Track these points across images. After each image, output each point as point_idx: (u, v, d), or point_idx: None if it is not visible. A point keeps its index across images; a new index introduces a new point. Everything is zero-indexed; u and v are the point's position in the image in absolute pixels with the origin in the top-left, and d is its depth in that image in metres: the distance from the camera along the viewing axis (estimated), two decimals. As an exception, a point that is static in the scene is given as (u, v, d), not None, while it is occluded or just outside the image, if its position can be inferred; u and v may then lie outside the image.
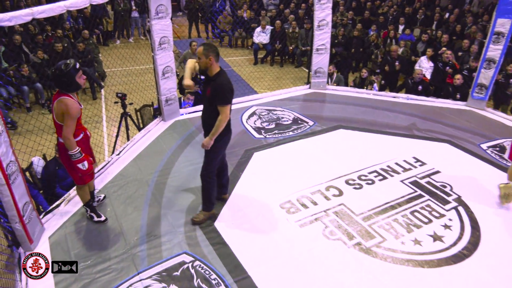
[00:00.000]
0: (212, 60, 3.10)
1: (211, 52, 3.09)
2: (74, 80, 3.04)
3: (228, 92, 3.16)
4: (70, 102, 3.04)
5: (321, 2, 6.00)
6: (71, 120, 3.05)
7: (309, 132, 5.25)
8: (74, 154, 3.11)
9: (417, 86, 6.70)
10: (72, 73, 3.02)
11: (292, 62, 10.73)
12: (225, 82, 3.16)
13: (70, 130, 3.06)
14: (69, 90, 3.08)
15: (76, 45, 8.73)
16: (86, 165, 3.19)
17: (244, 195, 3.97)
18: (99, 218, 3.56)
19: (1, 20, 2.83)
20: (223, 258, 3.19)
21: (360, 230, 3.51)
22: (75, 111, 3.06)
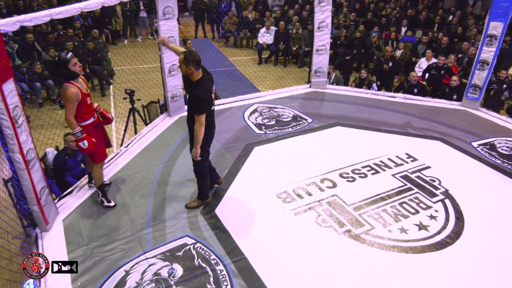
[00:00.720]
0: (192, 69, 3.28)
1: (191, 62, 3.25)
2: (67, 67, 3.36)
3: (203, 103, 3.31)
4: (68, 87, 3.38)
5: (321, 5, 6.25)
6: (69, 103, 3.38)
7: (307, 129, 5.51)
8: (75, 133, 3.45)
9: (412, 89, 6.93)
10: (63, 60, 3.35)
11: (295, 62, 10.98)
12: (201, 93, 3.30)
13: (70, 112, 3.40)
14: (68, 77, 3.41)
15: (86, 43, 9.05)
16: (86, 144, 3.49)
17: (243, 185, 4.23)
18: (108, 203, 3.86)
19: (24, 21, 3.11)
20: (222, 241, 3.45)
21: (351, 219, 3.76)
22: (72, 95, 3.36)
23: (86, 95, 3.52)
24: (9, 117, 2.95)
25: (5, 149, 3.08)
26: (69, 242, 3.43)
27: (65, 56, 3.37)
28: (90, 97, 3.62)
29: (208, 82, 3.43)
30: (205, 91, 3.35)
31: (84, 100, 3.49)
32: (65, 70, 3.37)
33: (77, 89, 3.41)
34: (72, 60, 3.38)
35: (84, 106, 3.50)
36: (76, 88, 3.41)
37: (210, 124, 3.56)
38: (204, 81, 3.38)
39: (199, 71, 3.35)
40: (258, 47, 10.92)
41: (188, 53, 3.33)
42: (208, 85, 3.40)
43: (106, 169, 4.48)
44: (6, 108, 2.92)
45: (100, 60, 8.97)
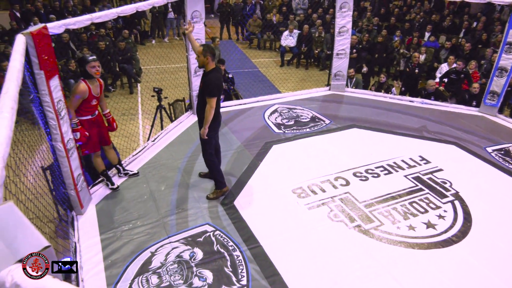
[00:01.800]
0: (209, 59, 3.71)
1: (208, 53, 3.70)
2: (85, 67, 3.77)
3: (215, 87, 3.73)
4: (79, 84, 3.76)
5: (342, 10, 6.46)
6: (73, 96, 3.75)
7: (324, 130, 5.73)
8: (71, 123, 3.77)
9: (429, 97, 7.03)
10: (83, 60, 3.77)
11: (317, 65, 11.18)
12: (214, 79, 3.74)
13: (71, 103, 3.76)
14: (85, 76, 3.80)
15: (117, 43, 9.52)
16: (78, 135, 3.85)
17: (261, 180, 4.50)
18: (112, 186, 4.27)
19: (68, 24, 3.48)
20: (239, 230, 3.73)
21: (361, 215, 3.97)
22: (78, 91, 3.73)
23: (93, 97, 3.88)
24: (54, 110, 3.31)
25: (48, 138, 3.45)
26: (101, 224, 3.78)
27: (87, 58, 3.79)
28: (97, 100, 3.99)
29: (219, 74, 3.83)
30: (217, 78, 3.77)
31: (90, 100, 3.85)
32: (83, 68, 3.78)
33: (86, 88, 3.78)
34: (91, 62, 3.77)
35: (87, 105, 3.87)
36: (86, 86, 3.78)
37: (218, 111, 3.90)
38: (217, 70, 3.82)
39: (213, 63, 3.78)
40: (281, 49, 11.17)
41: (206, 45, 3.80)
42: (220, 76, 3.82)
43: (135, 160, 4.85)
44: (52, 101, 3.28)
45: (130, 59, 9.42)
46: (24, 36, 2.99)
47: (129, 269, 3.29)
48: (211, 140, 4.01)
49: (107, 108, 4.27)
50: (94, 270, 3.28)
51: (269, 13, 12.78)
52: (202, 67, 3.82)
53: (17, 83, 2.10)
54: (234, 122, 5.91)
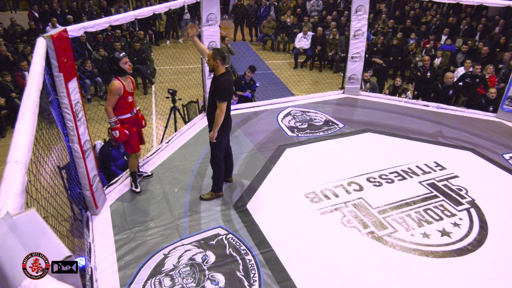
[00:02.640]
0: (218, 63, 3.72)
1: (218, 57, 3.71)
2: (118, 65, 3.80)
3: (225, 91, 3.72)
4: (113, 82, 3.81)
5: (358, 13, 6.42)
6: (110, 95, 3.81)
7: (338, 134, 5.71)
8: (110, 122, 3.88)
9: (448, 90, 6.92)
10: (116, 58, 3.80)
11: (330, 68, 11.13)
12: (225, 83, 3.73)
13: (109, 102, 3.83)
14: (117, 73, 3.84)
15: (132, 44, 9.62)
16: (118, 133, 3.91)
17: (274, 184, 4.50)
18: (135, 189, 4.31)
19: (87, 27, 3.54)
20: (252, 234, 3.74)
21: (375, 221, 3.94)
22: (114, 89, 3.79)
23: (128, 93, 3.94)
24: (71, 111, 3.37)
25: (66, 139, 3.50)
26: (115, 225, 3.83)
27: (118, 55, 3.85)
28: (133, 96, 4.03)
29: (230, 78, 3.82)
30: (228, 81, 3.76)
31: (125, 96, 3.90)
32: (116, 66, 3.83)
33: (121, 85, 3.84)
34: (123, 59, 3.84)
35: (124, 102, 3.91)
36: (120, 83, 3.84)
37: (228, 116, 3.91)
38: (228, 74, 3.81)
39: (223, 67, 3.77)
40: (295, 51, 11.16)
41: (216, 49, 3.80)
42: (230, 79, 3.81)
43: (149, 161, 4.89)
44: (70, 103, 3.34)
45: (145, 60, 9.51)
46: (45, 39, 3.04)
47: (142, 270, 3.32)
48: (221, 143, 4.02)
49: (137, 106, 4.29)
50: (108, 271, 3.32)
51: (283, 14, 12.77)
52: (213, 70, 3.84)
53: (38, 87, 2.14)
54: (247, 125, 5.92)
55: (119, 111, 3.93)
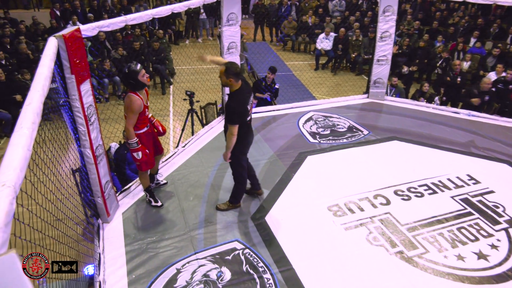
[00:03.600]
0: (232, 81, 3.40)
1: (231, 75, 3.37)
2: (137, 79, 3.45)
3: (234, 114, 3.42)
4: (133, 99, 3.45)
5: (385, 14, 6.10)
6: (131, 114, 3.47)
7: (363, 141, 5.40)
8: (131, 143, 3.56)
9: (483, 96, 6.52)
10: (133, 72, 3.44)
11: (352, 70, 10.78)
12: (235, 105, 3.41)
13: (130, 122, 3.49)
14: (135, 88, 3.49)
15: (151, 43, 9.50)
16: (140, 155, 3.59)
17: (294, 194, 4.24)
18: (156, 203, 4.00)
19: (102, 26, 3.35)
20: (270, 249, 3.49)
21: (404, 240, 3.64)
22: (136, 107, 3.45)
23: (146, 107, 3.62)
24: (83, 115, 3.18)
25: (77, 144, 3.33)
26: (127, 235, 3.64)
27: (135, 68, 3.46)
28: (148, 109, 3.73)
29: (245, 93, 3.51)
30: (240, 103, 3.45)
31: (144, 111, 3.59)
32: (134, 81, 3.46)
33: (141, 101, 3.51)
34: (141, 71, 3.47)
35: (142, 117, 3.59)
36: (140, 99, 3.51)
37: (246, 132, 3.62)
38: (241, 92, 3.48)
39: (238, 82, 3.46)
40: (316, 52, 10.85)
41: (229, 65, 3.44)
42: (245, 96, 3.49)
43: (164, 167, 4.70)
44: (82, 106, 3.16)
45: (163, 60, 9.38)
46: (56, 39, 2.87)
47: (154, 286, 3.12)
48: (239, 160, 3.74)
49: (149, 112, 3.98)
50: (118, 286, 3.12)
51: (305, 14, 12.46)
52: (225, 85, 3.55)
53: (43, 93, 1.94)
54: (267, 129, 5.67)
55: (136, 127, 3.58)
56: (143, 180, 3.95)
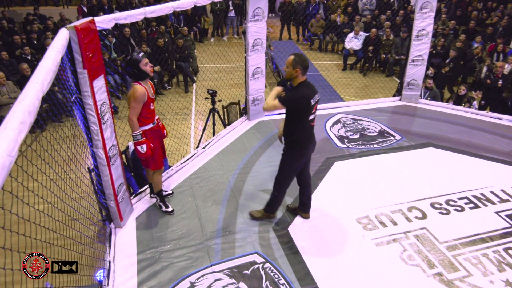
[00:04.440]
0: (298, 72, 3.07)
1: (299, 65, 3.04)
2: (139, 67, 3.24)
3: (291, 97, 3.08)
4: (137, 87, 3.25)
5: (423, 11, 5.67)
6: (134, 103, 3.24)
7: (395, 147, 5.01)
8: (135, 135, 3.32)
9: None
10: (135, 60, 3.23)
11: (382, 71, 10.31)
12: (294, 93, 3.10)
13: (134, 112, 3.27)
14: (138, 78, 3.29)
15: (175, 40, 9.34)
16: (145, 148, 3.34)
17: (320, 204, 3.91)
18: (166, 209, 3.75)
19: (119, 18, 3.13)
20: (293, 265, 3.18)
21: (443, 260, 3.26)
22: (139, 95, 3.23)
23: (151, 100, 3.40)
24: (96, 114, 2.97)
25: (89, 144, 3.12)
26: (140, 241, 3.42)
27: (137, 56, 3.26)
28: (153, 103, 3.49)
29: (310, 89, 3.15)
30: (303, 94, 3.08)
31: (148, 103, 3.36)
32: (137, 69, 3.26)
33: (144, 90, 3.29)
34: (143, 60, 3.26)
35: (147, 110, 3.37)
36: (144, 88, 3.29)
37: (306, 135, 3.26)
38: (306, 86, 3.13)
39: (304, 76, 3.13)
40: (345, 52, 10.44)
41: (298, 55, 3.12)
42: (309, 91, 3.13)
43: (183, 168, 4.47)
44: (95, 104, 2.94)
45: (187, 57, 9.20)
46: (68, 31, 2.65)
47: (165, 300, 2.87)
48: (292, 166, 3.34)
49: (156, 115, 3.72)
50: (127, 298, 2.90)
51: (333, 13, 12.05)
52: (289, 80, 3.18)
53: (41, 88, 1.71)
54: (292, 132, 5.35)
55: (141, 121, 3.37)
56: (156, 182, 3.70)
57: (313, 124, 3.30)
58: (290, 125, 3.24)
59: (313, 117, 3.26)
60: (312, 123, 3.28)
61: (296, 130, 3.23)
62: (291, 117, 3.22)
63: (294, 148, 3.28)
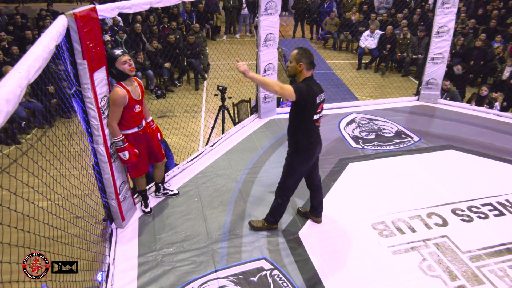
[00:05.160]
0: (303, 67, 2.83)
1: (304, 59, 2.82)
2: (114, 66, 2.93)
3: (298, 89, 2.77)
4: (116, 90, 2.96)
5: (444, 6, 5.39)
6: (113, 107, 2.96)
7: (413, 149, 4.76)
8: (116, 141, 3.06)
9: None
10: (110, 57, 2.92)
11: (398, 70, 10.00)
12: (303, 85, 2.82)
13: (113, 116, 2.98)
14: (118, 78, 3.00)
15: (187, 37, 9.20)
16: (127, 155, 3.09)
17: (333, 207, 3.69)
18: (145, 208, 3.57)
19: (123, 8, 2.97)
20: (304, 273, 2.97)
21: (466, 271, 3.01)
22: (117, 98, 2.94)
23: (135, 102, 3.09)
24: (96, 107, 2.81)
25: (90, 140, 2.96)
26: (142, 243, 3.24)
27: (113, 52, 2.93)
28: (141, 105, 3.20)
29: (315, 85, 2.90)
30: (309, 89, 2.82)
31: (132, 106, 3.07)
32: (113, 68, 2.94)
33: (125, 92, 2.99)
34: (121, 57, 2.93)
35: (129, 113, 3.09)
36: (124, 91, 2.99)
37: (311, 135, 2.97)
38: (311, 82, 2.88)
39: (308, 72, 2.88)
40: (359, 51, 10.16)
41: (302, 48, 2.89)
42: (315, 87, 2.87)
43: (190, 167, 4.29)
44: (95, 97, 2.78)
45: (198, 54, 9.05)
46: (67, 18, 2.49)
47: (166, 308, 2.69)
48: (295, 172, 3.09)
49: (150, 116, 3.48)
50: (125, 304, 2.72)
51: (349, 11, 11.76)
52: (293, 76, 2.95)
53: (26, 75, 1.53)
54: (304, 131, 5.13)
55: (123, 125, 3.09)
56: (138, 183, 3.55)
57: (318, 125, 3.04)
58: (293, 124, 3.00)
59: (319, 117, 2.99)
60: (317, 123, 3.02)
61: (300, 130, 2.97)
62: (295, 114, 2.96)
63: (299, 151, 3.02)
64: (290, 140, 3.07)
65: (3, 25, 9.51)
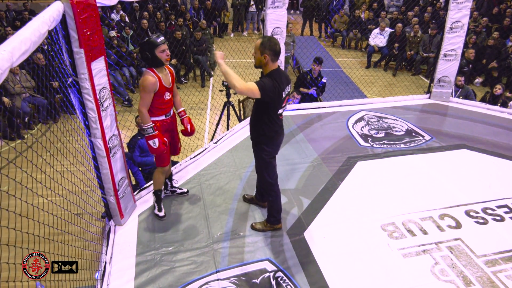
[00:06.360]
0: (267, 58, 2.69)
1: (268, 50, 2.67)
2: (153, 52, 2.90)
3: (267, 86, 2.66)
4: (147, 75, 2.92)
5: (458, 1, 5.20)
6: (144, 93, 2.93)
7: (424, 148, 4.58)
8: (146, 128, 2.98)
9: None
10: (151, 43, 2.88)
11: (408, 69, 9.80)
12: (268, 80, 2.70)
13: (143, 102, 2.94)
14: (152, 64, 2.96)
15: (194, 33, 9.09)
16: (157, 143, 2.99)
17: (341, 207, 3.54)
18: (158, 212, 3.38)
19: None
20: (309, 276, 2.83)
21: (481, 277, 2.84)
22: (148, 84, 2.90)
23: (165, 89, 3.04)
24: (94, 99, 2.69)
25: (87, 133, 2.85)
26: (140, 242, 3.12)
27: (155, 39, 2.89)
28: (171, 93, 3.14)
29: (282, 78, 2.77)
30: (275, 84, 2.69)
31: (162, 93, 3.01)
32: (150, 54, 2.91)
33: (156, 79, 2.94)
34: (161, 45, 2.90)
35: (159, 100, 3.03)
36: (156, 77, 2.95)
37: (275, 130, 2.89)
38: (278, 75, 2.74)
39: (275, 64, 2.74)
40: (369, 49, 9.98)
41: (267, 39, 2.73)
42: (282, 81, 2.75)
43: (191, 164, 4.17)
44: (93, 88, 2.66)
45: (205, 51, 8.94)
46: (62, 4, 2.37)
47: (163, 310, 2.57)
48: (268, 163, 3.00)
49: (182, 106, 3.38)
50: (121, 305, 2.60)
51: (358, 9, 11.57)
52: (259, 67, 2.82)
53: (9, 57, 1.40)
54: (312, 129, 4.98)
55: (151, 112, 3.03)
56: (157, 180, 3.33)
57: (281, 118, 2.94)
58: (257, 118, 2.88)
59: (282, 111, 2.89)
60: (281, 117, 2.92)
61: (263, 125, 2.85)
62: (258, 109, 2.85)
63: (263, 143, 2.91)
64: (254, 134, 2.96)
65: (11, 20, 9.48)
